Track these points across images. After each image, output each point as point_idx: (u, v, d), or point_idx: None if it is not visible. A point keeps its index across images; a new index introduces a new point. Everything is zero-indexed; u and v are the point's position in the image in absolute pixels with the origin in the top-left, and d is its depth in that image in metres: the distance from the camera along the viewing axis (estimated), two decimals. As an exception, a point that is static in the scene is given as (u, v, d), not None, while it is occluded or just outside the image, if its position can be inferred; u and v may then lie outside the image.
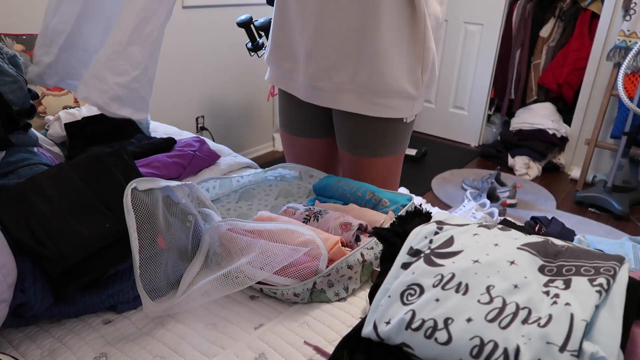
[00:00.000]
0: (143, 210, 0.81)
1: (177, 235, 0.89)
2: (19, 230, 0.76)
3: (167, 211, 0.88)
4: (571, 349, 0.52)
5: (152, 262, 0.81)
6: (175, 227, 0.89)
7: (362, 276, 0.88)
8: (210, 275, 0.84)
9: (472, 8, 3.60)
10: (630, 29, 2.88)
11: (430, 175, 3.34)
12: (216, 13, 2.86)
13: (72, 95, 1.77)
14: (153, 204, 0.84)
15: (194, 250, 0.92)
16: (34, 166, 1.10)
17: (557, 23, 3.56)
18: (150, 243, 0.81)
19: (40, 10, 0.97)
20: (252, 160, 1.68)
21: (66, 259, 0.75)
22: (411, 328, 0.60)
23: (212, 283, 0.82)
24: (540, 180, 3.37)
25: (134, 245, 0.77)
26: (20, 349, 0.74)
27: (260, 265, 0.82)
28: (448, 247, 0.69)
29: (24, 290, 0.73)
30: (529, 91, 3.72)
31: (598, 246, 0.98)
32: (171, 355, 0.73)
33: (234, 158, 1.60)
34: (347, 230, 0.95)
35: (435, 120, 4.05)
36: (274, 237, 0.87)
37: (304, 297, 0.84)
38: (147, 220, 0.81)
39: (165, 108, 2.75)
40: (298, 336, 0.76)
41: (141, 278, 0.77)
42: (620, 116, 3.04)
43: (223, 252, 0.89)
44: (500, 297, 0.59)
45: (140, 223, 0.80)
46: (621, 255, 0.64)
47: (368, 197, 1.09)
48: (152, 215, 0.83)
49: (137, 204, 0.80)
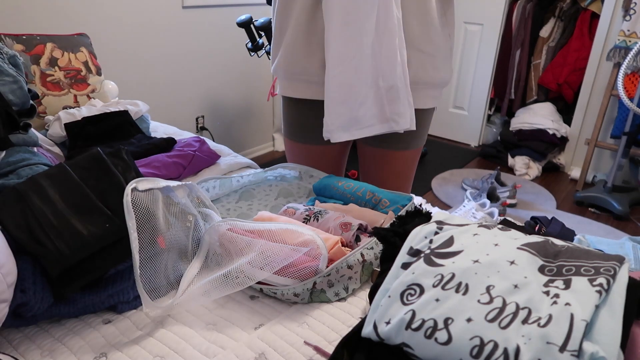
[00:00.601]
0: (143, 210, 0.81)
1: (177, 235, 0.89)
2: (18, 230, 0.76)
3: (167, 211, 0.88)
4: (571, 349, 0.52)
5: (152, 262, 0.81)
6: (175, 227, 0.89)
7: (362, 276, 0.88)
8: (210, 276, 0.84)
9: (472, 8, 3.60)
10: (630, 29, 2.88)
11: (430, 175, 3.34)
12: (216, 13, 2.86)
13: (72, 95, 1.77)
14: (153, 204, 0.84)
15: (194, 250, 0.92)
16: (34, 166, 1.10)
17: (557, 23, 3.56)
18: (150, 243, 0.81)
19: (40, 10, 0.97)
20: (252, 160, 1.68)
21: (66, 259, 0.75)
22: (411, 328, 0.60)
23: (211, 283, 0.82)
24: (540, 180, 3.37)
25: (134, 245, 0.77)
26: (20, 349, 0.74)
27: (260, 265, 0.82)
28: (448, 247, 0.69)
29: (24, 290, 0.73)
30: (529, 91, 3.72)
31: (598, 246, 0.98)
32: (171, 355, 0.73)
33: (234, 158, 1.60)
34: (347, 230, 0.95)
35: (435, 120, 4.05)
36: (274, 237, 0.87)
37: (304, 297, 0.84)
38: (147, 220, 0.81)
39: (165, 108, 2.75)
40: (298, 336, 0.76)
41: (141, 278, 0.77)
42: (620, 116, 3.04)
43: (223, 252, 0.89)
44: (500, 297, 0.59)
45: (140, 223, 0.80)
46: (621, 255, 0.64)
47: (368, 197, 1.09)
48: (152, 215, 0.83)
49: (137, 204, 0.80)
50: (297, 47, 1.18)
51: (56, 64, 1.75)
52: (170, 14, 2.61)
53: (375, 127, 1.17)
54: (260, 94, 3.32)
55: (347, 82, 1.12)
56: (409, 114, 1.16)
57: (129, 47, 2.47)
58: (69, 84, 1.77)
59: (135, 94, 2.54)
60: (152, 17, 2.52)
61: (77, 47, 1.83)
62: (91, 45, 1.92)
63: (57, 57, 1.76)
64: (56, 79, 1.74)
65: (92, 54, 1.89)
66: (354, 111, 1.14)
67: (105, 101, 1.83)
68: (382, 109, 1.15)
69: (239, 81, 3.15)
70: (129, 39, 2.45)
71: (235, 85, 3.14)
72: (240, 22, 2.48)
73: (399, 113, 1.15)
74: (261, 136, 3.48)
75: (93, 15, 2.26)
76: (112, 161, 0.88)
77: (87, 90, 1.81)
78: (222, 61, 2.99)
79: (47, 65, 1.73)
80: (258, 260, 0.82)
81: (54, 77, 1.74)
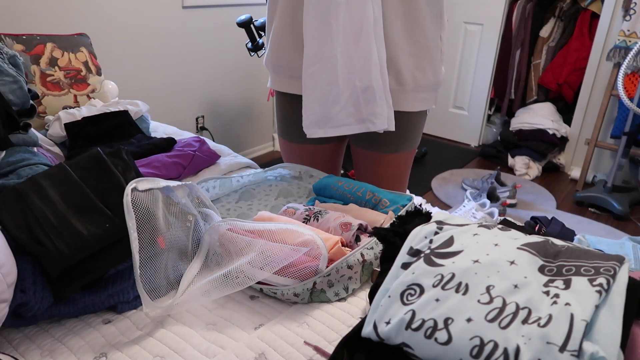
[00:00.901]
0: (143, 210, 0.81)
1: (177, 235, 0.89)
2: (18, 230, 0.76)
3: (167, 211, 0.88)
4: (571, 349, 0.52)
5: (152, 262, 0.81)
6: (176, 227, 0.89)
7: (362, 276, 0.88)
8: (210, 276, 0.84)
9: (472, 8, 3.60)
10: (630, 28, 2.88)
11: (430, 175, 3.34)
12: (216, 13, 2.86)
13: (72, 95, 1.77)
14: (153, 204, 0.84)
15: (194, 250, 0.92)
16: (34, 166, 1.10)
17: (557, 23, 3.56)
18: (150, 243, 0.81)
19: (40, 10, 0.97)
20: (252, 160, 1.68)
21: (66, 259, 0.75)
22: (411, 328, 0.60)
23: (212, 283, 0.82)
24: (540, 180, 3.37)
25: (133, 246, 0.77)
26: (20, 349, 0.74)
27: (260, 265, 0.82)
28: (448, 247, 0.69)
29: (24, 290, 0.73)
30: (529, 91, 3.72)
31: (598, 246, 0.98)
32: (171, 355, 0.73)
33: (234, 158, 1.60)
34: (347, 230, 0.95)
35: (435, 120, 4.05)
36: (274, 237, 0.87)
37: (304, 297, 0.84)
38: (147, 220, 0.81)
39: (165, 108, 2.75)
40: (298, 336, 0.76)
41: (141, 278, 0.77)
42: (620, 116, 3.04)
43: (223, 252, 0.89)
44: (500, 297, 0.59)
45: (140, 223, 0.80)
46: (621, 255, 0.64)
47: (368, 197, 1.09)
48: (152, 215, 0.83)
49: (137, 204, 0.80)
50: (283, 42, 1.20)
51: (56, 64, 1.76)
52: (170, 14, 2.61)
53: (352, 127, 1.18)
54: (260, 94, 3.32)
55: (320, 81, 1.13)
56: (386, 115, 1.15)
57: (129, 47, 2.47)
58: (69, 84, 1.77)
59: (135, 94, 2.54)
60: (152, 17, 2.53)
61: (77, 47, 1.83)
62: (91, 45, 1.92)
63: (57, 57, 1.76)
64: (56, 79, 1.74)
65: (92, 54, 1.89)
66: (326, 109, 1.15)
67: (105, 101, 1.83)
68: (358, 108, 1.15)
69: (239, 81, 3.15)
70: (129, 39, 2.45)
71: (235, 85, 3.14)
72: (240, 22, 2.48)
73: (375, 114, 1.15)
74: (261, 136, 3.48)
75: (93, 15, 2.26)
76: (112, 161, 0.88)
77: (87, 90, 1.81)
78: (222, 61, 2.99)
79: (47, 65, 1.73)
80: (258, 260, 0.82)
81: (54, 77, 1.74)
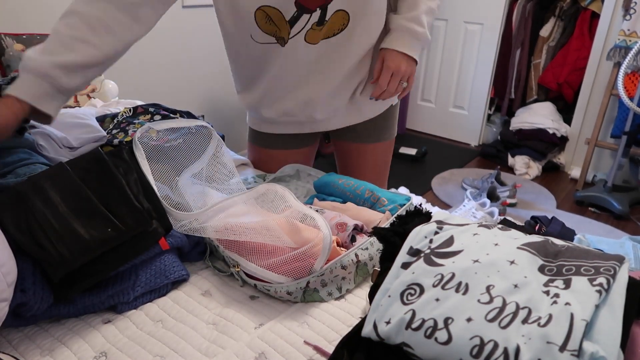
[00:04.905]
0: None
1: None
2: (19, 233, 0.75)
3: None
4: (571, 348, 0.52)
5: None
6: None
7: (356, 277, 0.88)
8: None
9: (472, 8, 3.60)
10: (630, 28, 2.88)
11: (430, 175, 3.34)
12: (216, 13, 2.86)
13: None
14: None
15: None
16: (32, 165, 1.09)
17: (557, 22, 3.56)
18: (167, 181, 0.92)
19: (41, 11, 0.97)
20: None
21: (68, 264, 0.74)
22: (411, 328, 0.60)
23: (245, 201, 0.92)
24: (540, 179, 3.37)
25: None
26: (20, 349, 0.74)
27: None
28: (448, 246, 0.69)
29: (24, 290, 0.73)
30: (529, 91, 3.72)
31: (598, 246, 0.98)
32: (171, 355, 0.73)
33: (232, 155, 1.59)
34: (343, 231, 0.95)
35: (435, 120, 4.05)
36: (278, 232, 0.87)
37: (297, 295, 0.84)
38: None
39: (165, 108, 2.74)
40: (298, 336, 0.76)
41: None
42: (621, 116, 3.04)
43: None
44: (500, 296, 0.59)
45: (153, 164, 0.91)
46: (621, 254, 0.64)
47: (367, 195, 1.10)
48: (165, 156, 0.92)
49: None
50: (264, 89, 1.27)
51: (56, 63, 1.75)
52: (170, 14, 2.59)
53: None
54: (260, 94, 3.32)
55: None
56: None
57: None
58: (68, 83, 1.76)
59: (135, 93, 2.54)
60: (152, 16, 2.52)
61: (77, 47, 1.83)
62: (91, 45, 1.91)
63: (57, 56, 1.76)
64: (56, 79, 1.74)
65: (92, 54, 1.88)
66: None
67: (105, 101, 1.83)
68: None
69: (238, 81, 3.15)
70: (128, 38, 2.45)
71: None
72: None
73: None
74: (261, 136, 3.48)
75: (93, 15, 2.26)
76: (113, 161, 0.88)
77: (87, 90, 1.81)
78: (222, 61, 2.99)
79: (47, 65, 1.73)
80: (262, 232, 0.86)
81: (54, 76, 1.74)
